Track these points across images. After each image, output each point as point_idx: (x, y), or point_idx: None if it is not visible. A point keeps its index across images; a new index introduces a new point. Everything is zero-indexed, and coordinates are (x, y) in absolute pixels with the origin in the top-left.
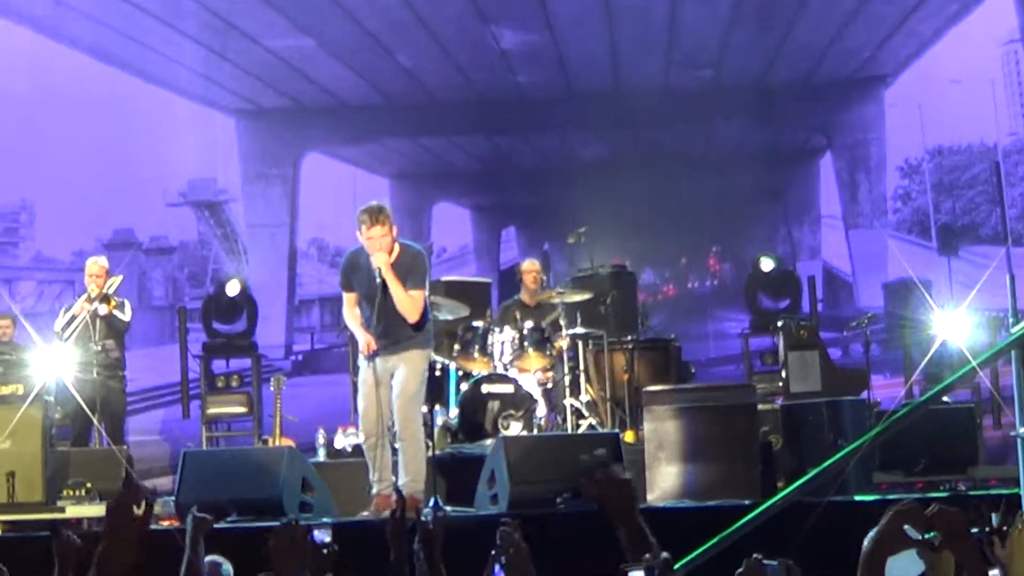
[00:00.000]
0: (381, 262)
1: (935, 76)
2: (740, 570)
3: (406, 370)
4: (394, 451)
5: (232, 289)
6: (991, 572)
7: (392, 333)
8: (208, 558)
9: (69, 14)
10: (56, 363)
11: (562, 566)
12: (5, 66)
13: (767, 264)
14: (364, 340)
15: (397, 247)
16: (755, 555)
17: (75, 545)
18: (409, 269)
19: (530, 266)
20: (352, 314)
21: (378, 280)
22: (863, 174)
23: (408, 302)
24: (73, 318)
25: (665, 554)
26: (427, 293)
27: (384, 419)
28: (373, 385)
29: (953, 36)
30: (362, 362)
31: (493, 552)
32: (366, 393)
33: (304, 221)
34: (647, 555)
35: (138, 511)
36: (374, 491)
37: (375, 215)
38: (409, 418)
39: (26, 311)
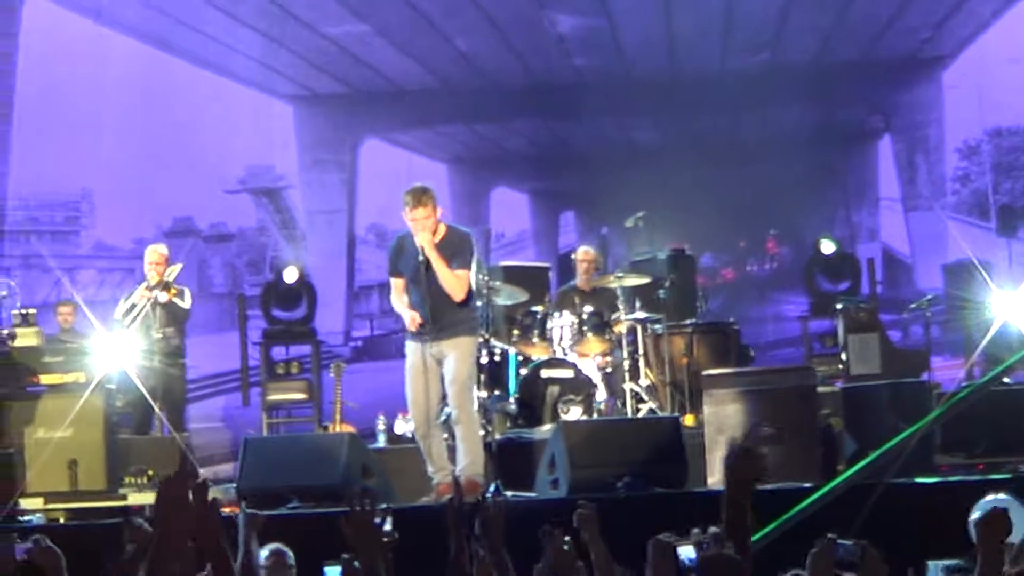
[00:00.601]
0: (424, 241)
1: (994, 56)
2: (814, 549)
3: (456, 356)
4: (452, 437)
5: (290, 276)
6: None
7: (439, 318)
8: (272, 546)
9: (127, 2)
10: (118, 351)
11: (623, 550)
12: (65, 55)
13: (827, 246)
14: (408, 316)
15: (443, 228)
16: (829, 535)
17: (147, 532)
18: (455, 249)
19: (584, 255)
20: (400, 300)
21: (421, 258)
22: (922, 156)
23: (453, 280)
24: (133, 306)
25: (714, 528)
26: (474, 274)
27: (432, 407)
28: (420, 372)
29: (1012, 16)
30: (408, 348)
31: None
32: (413, 380)
33: (362, 207)
34: (696, 529)
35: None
36: (434, 481)
37: (418, 196)
38: (464, 404)
39: (87, 299)
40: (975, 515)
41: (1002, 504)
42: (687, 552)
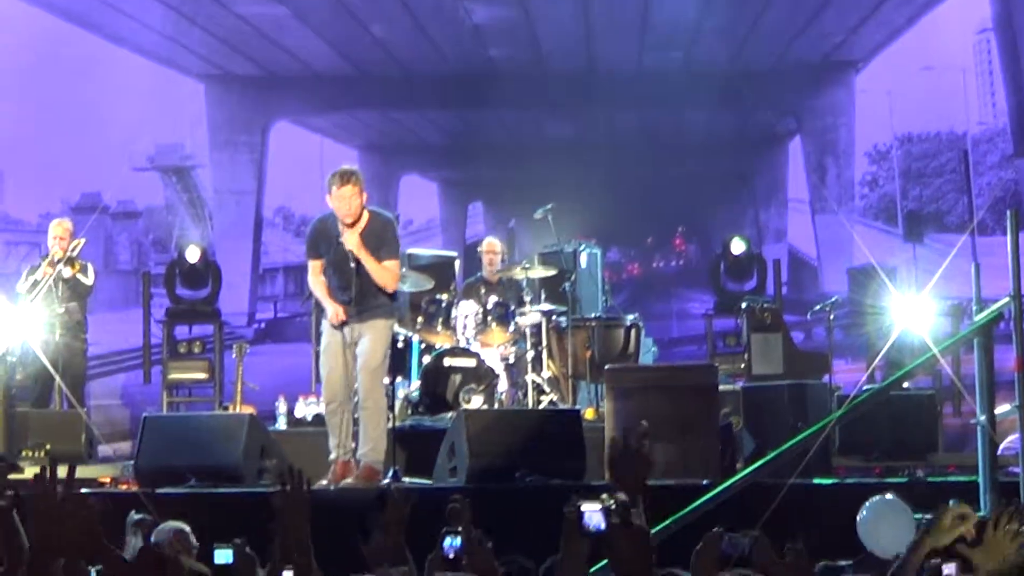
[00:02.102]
0: (352, 244)
1: (906, 63)
2: (699, 546)
3: (371, 340)
4: (355, 421)
5: (192, 255)
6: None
7: (361, 301)
8: (173, 525)
9: None
10: (20, 324)
11: (520, 540)
12: None
13: (738, 246)
14: (333, 310)
15: (367, 214)
16: (716, 528)
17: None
18: (381, 238)
19: (488, 246)
20: (318, 282)
21: (348, 249)
22: (831, 159)
23: (384, 274)
24: (37, 280)
25: (622, 495)
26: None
27: (347, 386)
28: (338, 350)
29: (926, 24)
30: (326, 327)
31: (444, 528)
32: (331, 357)
33: (271, 189)
34: (604, 494)
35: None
36: (332, 456)
37: (346, 175)
38: (372, 388)
39: None
40: (862, 514)
41: (889, 505)
42: (595, 519)
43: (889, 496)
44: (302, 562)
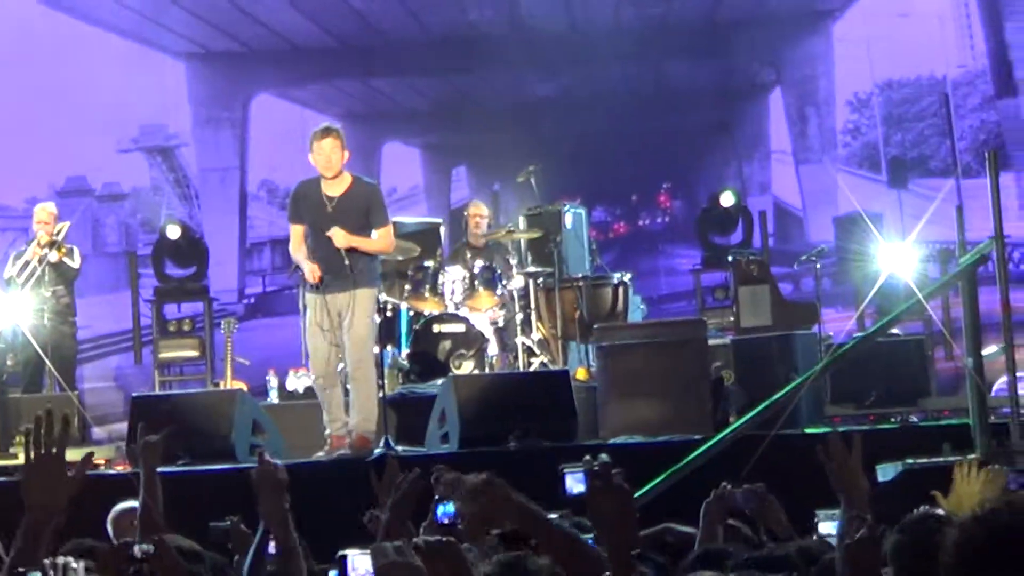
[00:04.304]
0: (341, 242)
1: (883, 10)
2: (709, 498)
3: (356, 311)
4: (346, 392)
5: (172, 233)
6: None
7: (340, 266)
8: (121, 505)
9: None
10: (11, 310)
11: None
12: None
13: (727, 198)
14: (309, 267)
15: (349, 177)
16: (724, 483)
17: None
18: (368, 205)
19: (474, 209)
20: (299, 247)
21: (329, 195)
22: (812, 108)
23: (380, 244)
24: (24, 265)
25: (604, 456)
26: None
27: (334, 359)
28: (323, 323)
29: None
30: (310, 300)
31: (436, 496)
32: (315, 333)
33: (254, 164)
34: (587, 456)
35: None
36: (327, 432)
37: (327, 129)
38: (362, 359)
39: None
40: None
41: None
42: (574, 483)
43: None
44: (280, 536)
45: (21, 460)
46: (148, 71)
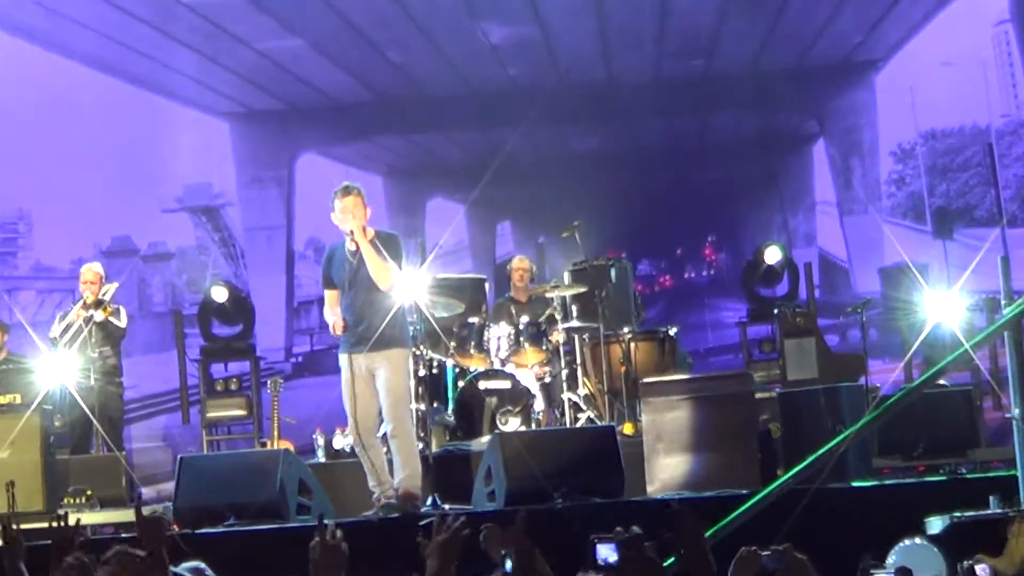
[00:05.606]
0: (355, 226)
1: (926, 59)
2: (736, 560)
3: (390, 370)
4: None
5: (219, 295)
6: None
7: (369, 322)
8: (189, 564)
9: (62, 23)
10: (58, 370)
11: (559, 560)
12: (0, 76)
13: (774, 254)
14: (332, 321)
15: (371, 231)
16: (751, 548)
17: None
18: (386, 248)
19: (518, 264)
20: (332, 311)
21: (351, 252)
22: (856, 159)
23: (382, 268)
24: (69, 325)
25: (636, 528)
26: (401, 278)
27: (368, 420)
28: (353, 386)
29: (943, 19)
30: (342, 361)
31: (503, 551)
32: (348, 396)
33: (300, 222)
34: (618, 528)
35: None
36: (375, 495)
37: (347, 188)
38: (400, 418)
39: (27, 321)
40: (891, 559)
41: (917, 549)
42: (607, 552)
43: (919, 540)
44: None
45: (70, 523)
46: (192, 131)
